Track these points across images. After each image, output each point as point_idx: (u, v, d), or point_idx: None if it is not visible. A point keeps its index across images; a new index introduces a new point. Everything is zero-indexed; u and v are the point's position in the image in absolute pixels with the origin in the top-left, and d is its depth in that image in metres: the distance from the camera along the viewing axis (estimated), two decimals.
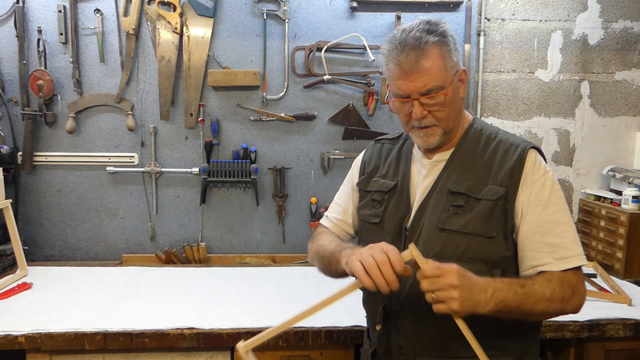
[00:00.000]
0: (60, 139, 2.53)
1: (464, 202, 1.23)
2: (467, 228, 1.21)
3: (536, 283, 1.16)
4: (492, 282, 1.13)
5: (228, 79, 2.49)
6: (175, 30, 2.46)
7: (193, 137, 2.58)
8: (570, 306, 1.19)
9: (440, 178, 1.28)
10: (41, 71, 2.42)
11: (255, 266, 2.54)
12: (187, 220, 2.63)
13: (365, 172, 1.46)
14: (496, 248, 1.21)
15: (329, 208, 1.58)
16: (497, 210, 1.21)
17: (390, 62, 1.23)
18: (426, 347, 1.26)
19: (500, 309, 1.12)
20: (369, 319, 1.45)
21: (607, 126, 2.73)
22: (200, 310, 1.91)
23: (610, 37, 2.66)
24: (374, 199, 1.38)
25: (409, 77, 1.20)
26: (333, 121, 2.59)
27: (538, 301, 1.14)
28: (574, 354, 1.96)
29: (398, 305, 1.26)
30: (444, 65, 1.20)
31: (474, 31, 2.60)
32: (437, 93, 1.20)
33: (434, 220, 1.24)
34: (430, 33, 1.20)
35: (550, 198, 1.21)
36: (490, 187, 1.22)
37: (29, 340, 1.70)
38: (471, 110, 2.64)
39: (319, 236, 1.47)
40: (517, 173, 1.22)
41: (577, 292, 1.18)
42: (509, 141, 1.29)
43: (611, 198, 2.54)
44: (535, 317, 1.19)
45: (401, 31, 1.22)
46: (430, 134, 1.26)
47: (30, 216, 2.57)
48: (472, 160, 1.28)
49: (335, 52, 2.55)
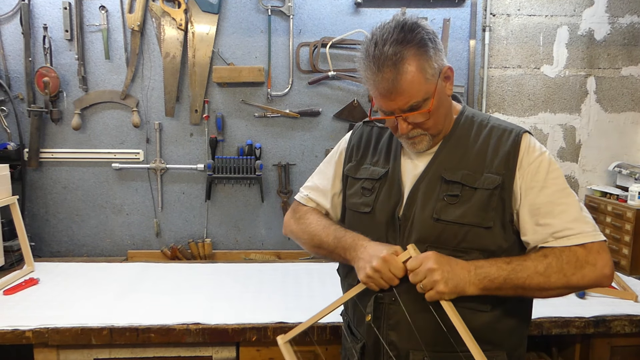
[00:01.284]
0: (66, 136, 2.54)
1: (460, 192, 1.20)
2: (464, 219, 1.19)
3: (528, 259, 1.15)
4: (474, 261, 1.15)
5: (233, 76, 2.50)
6: (180, 26, 2.46)
7: (198, 133, 2.58)
8: (580, 279, 1.14)
9: (432, 165, 1.26)
10: (47, 68, 2.43)
11: (260, 262, 2.54)
12: (192, 216, 2.64)
13: (354, 159, 1.41)
14: (494, 238, 1.20)
15: (308, 186, 1.50)
16: (494, 199, 1.19)
17: (367, 83, 1.19)
18: (420, 341, 1.23)
19: (487, 285, 1.13)
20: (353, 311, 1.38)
21: (613, 122, 2.72)
22: (206, 305, 1.91)
23: (617, 32, 2.65)
24: (364, 187, 1.34)
25: (388, 97, 1.16)
26: (338, 117, 2.59)
27: (530, 276, 1.12)
28: (579, 350, 1.95)
29: (391, 297, 1.23)
30: (423, 78, 1.14)
31: (479, 27, 2.59)
32: (420, 109, 1.17)
33: (428, 210, 1.22)
34: (406, 43, 1.12)
35: (547, 179, 1.19)
36: (487, 176, 1.20)
37: (36, 335, 1.71)
38: (476, 106, 2.63)
39: (305, 215, 1.43)
40: (512, 159, 1.20)
41: (587, 264, 1.13)
42: (502, 127, 1.26)
43: (617, 194, 2.52)
44: (539, 292, 1.16)
45: (374, 44, 1.14)
46: (418, 142, 1.24)
47: (37, 212, 2.59)
48: (465, 148, 1.25)
49: (340, 48, 2.54)
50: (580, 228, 1.16)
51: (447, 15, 2.55)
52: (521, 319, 1.30)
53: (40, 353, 1.76)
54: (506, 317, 1.25)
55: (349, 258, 1.27)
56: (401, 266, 1.16)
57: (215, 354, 1.82)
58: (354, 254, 1.25)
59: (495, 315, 1.23)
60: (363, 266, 1.19)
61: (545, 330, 1.83)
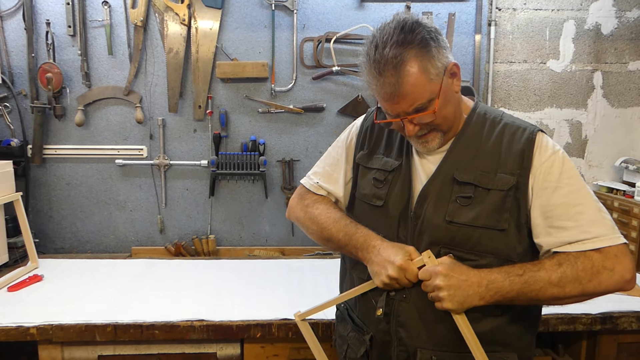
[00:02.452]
0: (70, 132, 2.54)
1: (473, 193, 1.18)
2: (478, 221, 1.16)
3: (542, 268, 1.11)
4: (487, 273, 1.12)
5: (236, 71, 2.48)
6: (183, 22, 2.45)
7: (201, 129, 2.57)
8: (597, 286, 1.10)
9: (444, 165, 1.23)
10: (50, 64, 2.42)
11: (264, 259, 2.54)
12: (196, 212, 2.63)
13: (366, 147, 1.37)
14: (508, 241, 1.17)
15: (318, 172, 1.46)
16: (509, 201, 1.16)
17: (370, 87, 1.16)
18: (429, 340, 1.22)
19: (499, 300, 1.11)
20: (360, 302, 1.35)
21: (620, 117, 2.70)
22: (210, 302, 1.91)
23: (624, 27, 2.62)
24: (376, 178, 1.31)
25: (392, 100, 1.13)
26: (342, 113, 2.57)
27: (544, 287, 1.09)
28: (586, 347, 1.94)
29: (402, 294, 1.22)
30: (427, 79, 1.11)
31: (485, 21, 2.56)
32: (426, 110, 1.14)
33: (440, 212, 1.19)
34: (407, 44, 1.09)
35: (561, 179, 1.14)
36: (500, 176, 1.17)
37: (41, 331, 1.71)
38: (481, 101, 2.61)
39: (314, 205, 1.40)
40: (527, 157, 1.16)
41: (605, 269, 1.09)
42: (515, 124, 1.23)
43: (624, 190, 2.50)
44: (553, 302, 1.13)
45: (375, 47, 1.11)
46: (429, 140, 1.21)
47: (41, 209, 2.59)
48: (478, 146, 1.22)
49: (344, 43, 2.52)
50: (597, 231, 1.11)
51: (452, 10, 2.53)
52: (532, 321, 1.28)
53: (44, 350, 1.76)
54: (517, 320, 1.23)
55: (360, 257, 1.26)
56: (416, 272, 1.16)
57: (219, 350, 1.82)
58: (367, 255, 1.23)
59: (506, 319, 1.21)
60: (378, 272, 1.19)
61: (551, 327, 1.82)
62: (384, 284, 1.19)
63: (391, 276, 1.16)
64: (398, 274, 1.16)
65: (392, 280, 1.17)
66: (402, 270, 1.16)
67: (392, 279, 1.17)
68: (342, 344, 1.43)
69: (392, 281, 1.17)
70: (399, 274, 1.16)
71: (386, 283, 1.18)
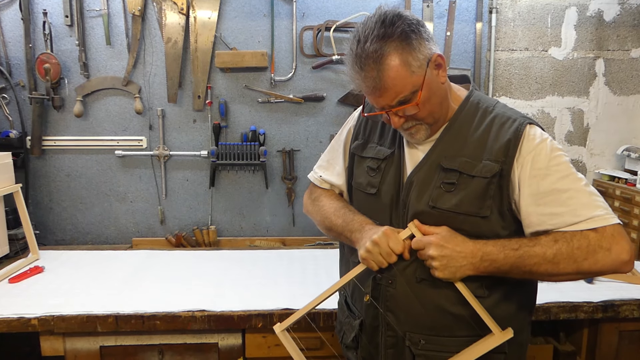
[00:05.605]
0: (68, 123, 2.52)
1: (457, 180, 1.18)
2: (460, 208, 1.17)
3: (538, 244, 1.11)
4: (482, 245, 1.14)
5: (235, 60, 2.46)
6: (182, 11, 2.42)
7: (201, 119, 2.56)
8: (593, 265, 1.10)
9: (432, 153, 1.24)
10: (47, 54, 2.40)
11: (265, 249, 2.54)
12: (196, 203, 2.63)
13: (361, 136, 1.39)
14: (491, 227, 1.18)
15: (321, 165, 1.51)
16: (492, 188, 1.17)
17: (353, 82, 1.19)
18: (417, 324, 1.24)
19: (492, 272, 1.14)
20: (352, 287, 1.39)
21: (622, 105, 2.68)
22: (211, 292, 1.91)
23: (627, 13, 2.59)
24: (369, 167, 1.33)
25: (375, 94, 1.15)
26: (342, 102, 2.55)
27: (538, 263, 1.10)
28: (587, 335, 1.95)
29: (388, 279, 1.24)
30: (408, 72, 1.12)
31: (486, 9, 2.54)
32: (410, 102, 1.15)
33: (424, 198, 1.21)
34: (387, 38, 1.10)
35: (550, 166, 1.14)
36: (485, 163, 1.17)
37: (42, 322, 1.71)
38: (483, 90, 2.59)
39: (320, 198, 1.45)
40: (513, 147, 1.16)
41: (601, 248, 1.09)
42: (506, 115, 1.22)
43: (626, 178, 2.50)
44: (547, 277, 1.14)
45: (357, 42, 1.14)
46: (415, 132, 1.22)
47: (41, 200, 2.58)
48: (466, 135, 1.22)
49: (344, 32, 2.50)
50: (590, 213, 1.11)
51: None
52: (522, 304, 1.28)
53: (46, 341, 1.77)
54: (505, 303, 1.24)
55: (353, 240, 1.28)
56: (401, 242, 1.18)
57: (221, 340, 1.82)
58: (358, 235, 1.26)
59: (494, 301, 1.22)
60: (364, 242, 1.21)
61: (553, 315, 1.82)
62: (367, 250, 1.19)
63: (374, 240, 1.18)
64: (381, 238, 1.18)
65: (374, 247, 1.18)
66: (386, 236, 1.18)
67: (375, 244, 1.18)
68: (339, 330, 1.48)
69: (374, 248, 1.18)
70: (381, 239, 1.18)
71: (368, 250, 1.19)
